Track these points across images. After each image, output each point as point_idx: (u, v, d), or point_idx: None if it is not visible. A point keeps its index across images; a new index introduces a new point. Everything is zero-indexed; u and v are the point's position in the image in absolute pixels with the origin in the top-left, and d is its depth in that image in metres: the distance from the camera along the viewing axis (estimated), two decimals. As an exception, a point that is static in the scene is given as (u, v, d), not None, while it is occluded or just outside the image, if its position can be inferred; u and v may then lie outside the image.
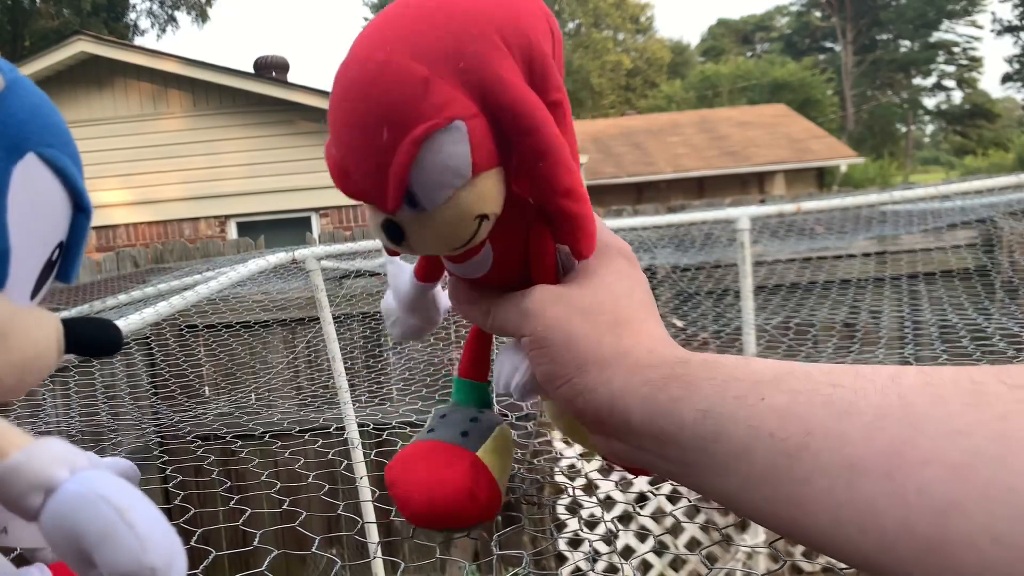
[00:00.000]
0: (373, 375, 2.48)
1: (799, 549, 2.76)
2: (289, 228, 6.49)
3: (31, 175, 0.30)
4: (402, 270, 0.47)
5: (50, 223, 0.32)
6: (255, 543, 0.57)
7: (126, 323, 1.40)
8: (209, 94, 6.63)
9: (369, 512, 1.73)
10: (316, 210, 6.60)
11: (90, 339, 0.34)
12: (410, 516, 0.41)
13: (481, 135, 0.32)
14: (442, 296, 0.48)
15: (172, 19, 19.35)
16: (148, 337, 2.66)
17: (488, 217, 0.35)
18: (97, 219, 6.59)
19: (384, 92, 0.31)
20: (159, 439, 2.03)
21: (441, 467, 0.42)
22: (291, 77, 7.77)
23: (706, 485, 0.31)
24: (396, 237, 0.35)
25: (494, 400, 0.50)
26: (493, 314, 0.40)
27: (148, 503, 0.28)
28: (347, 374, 1.97)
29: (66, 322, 0.33)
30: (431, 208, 0.33)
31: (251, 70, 7.21)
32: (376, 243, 2.31)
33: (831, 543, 0.26)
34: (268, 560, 0.54)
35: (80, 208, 0.33)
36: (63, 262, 0.34)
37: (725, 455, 0.29)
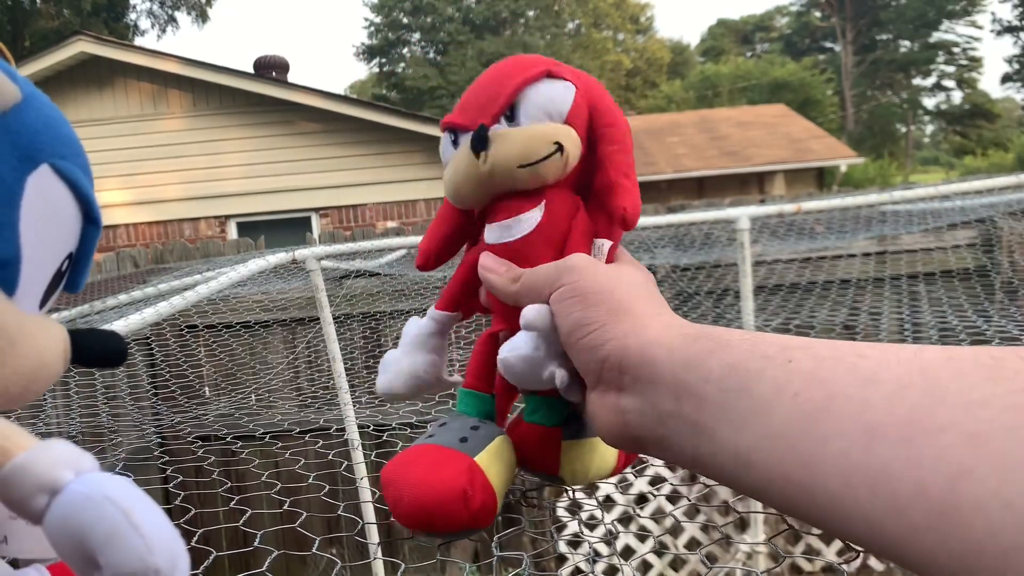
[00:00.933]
0: (373, 375, 2.47)
1: (799, 548, 2.76)
2: (289, 228, 6.49)
3: (44, 186, 0.31)
4: (416, 320, 0.49)
5: (61, 233, 0.32)
6: (255, 543, 0.57)
7: (126, 323, 1.40)
8: (209, 94, 6.63)
9: (369, 513, 1.73)
10: (316, 210, 6.60)
11: (96, 350, 0.34)
12: (401, 516, 0.41)
13: (581, 107, 0.43)
14: (446, 367, 0.49)
15: (172, 19, 19.34)
16: (148, 337, 2.66)
17: (563, 151, 0.42)
18: (97, 219, 6.60)
19: (525, 57, 0.44)
20: (159, 440, 2.03)
21: (435, 468, 0.41)
22: (291, 77, 7.77)
23: (715, 447, 0.31)
24: (480, 145, 0.41)
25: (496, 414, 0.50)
26: (526, 276, 0.41)
27: (152, 504, 0.28)
28: (347, 374, 1.97)
29: (73, 332, 0.33)
30: (524, 124, 0.42)
31: (251, 70, 7.22)
32: (376, 243, 2.31)
33: (839, 508, 0.26)
34: (268, 560, 0.54)
35: (90, 219, 0.33)
36: (72, 272, 0.34)
37: (746, 410, 0.29)
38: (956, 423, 0.23)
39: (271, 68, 7.45)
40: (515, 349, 0.40)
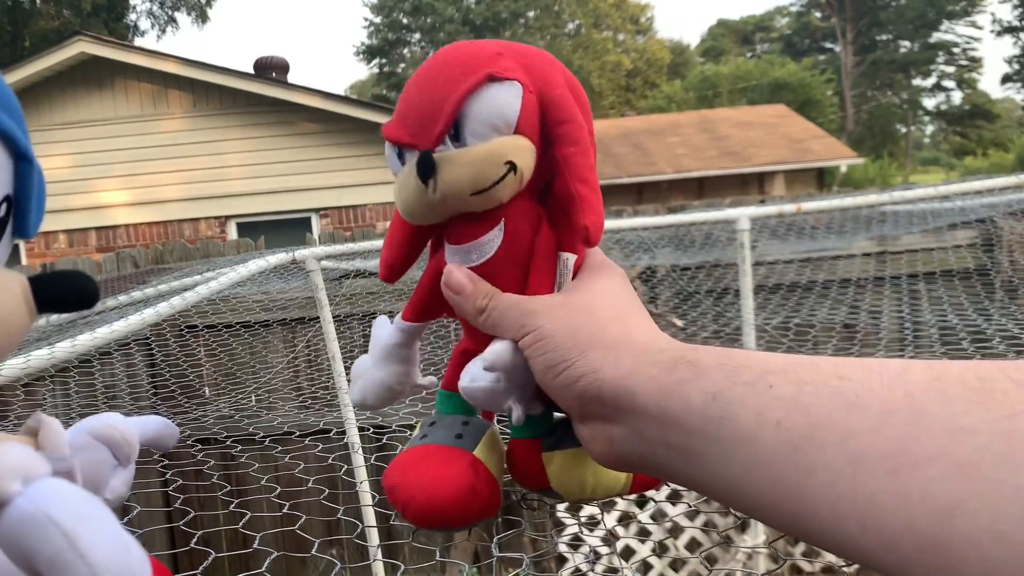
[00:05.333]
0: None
1: (799, 549, 2.76)
2: (289, 228, 6.49)
3: None
4: (384, 322, 0.48)
5: None
6: (255, 545, 0.57)
7: (126, 323, 1.40)
8: (209, 95, 6.63)
9: (369, 515, 1.73)
10: (316, 210, 6.60)
11: (63, 294, 0.31)
12: (413, 518, 0.41)
13: (531, 106, 0.38)
14: (418, 371, 0.48)
15: (172, 20, 19.34)
16: (148, 337, 2.66)
17: (516, 170, 0.38)
18: (97, 219, 6.59)
19: (462, 51, 0.39)
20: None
21: (441, 466, 0.42)
22: (291, 78, 7.77)
23: (705, 473, 0.30)
24: (427, 173, 0.38)
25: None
26: (491, 308, 0.39)
27: (105, 521, 0.26)
28: (347, 374, 1.97)
29: (33, 279, 0.30)
30: (471, 143, 0.38)
31: (251, 71, 7.22)
32: (376, 243, 2.31)
33: (830, 537, 0.25)
34: (268, 561, 0.54)
35: (20, 156, 0.30)
36: (16, 216, 0.31)
37: (730, 440, 0.29)
38: (944, 453, 0.22)
39: (271, 68, 7.45)
40: (475, 380, 0.40)
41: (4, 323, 0.28)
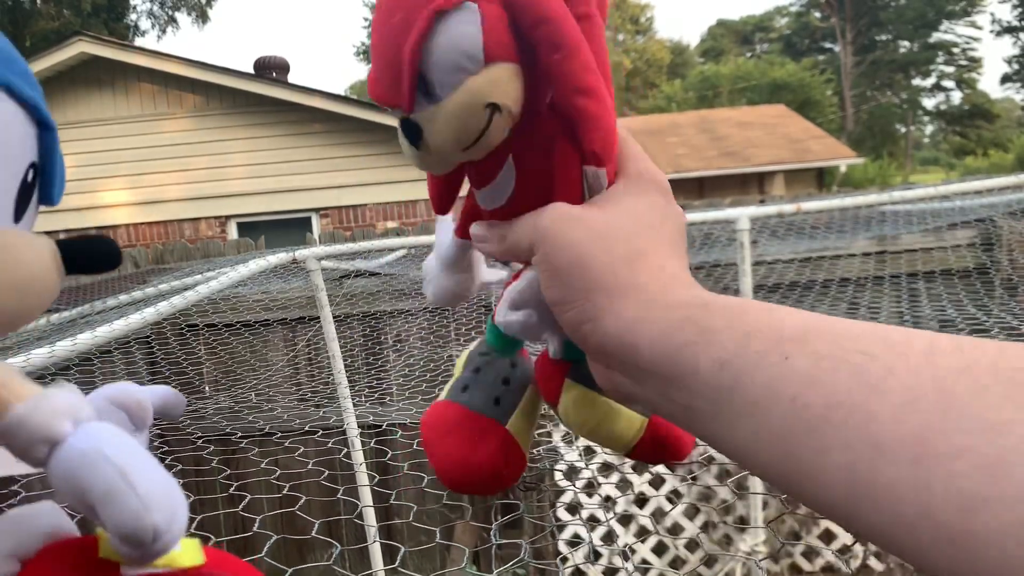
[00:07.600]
0: (373, 373, 2.48)
1: (799, 549, 2.76)
2: (289, 228, 6.49)
3: None
4: (446, 227, 0.46)
5: (12, 144, 0.31)
6: (255, 528, 0.58)
7: (126, 322, 1.41)
8: (210, 95, 6.63)
9: (367, 499, 1.73)
10: (316, 210, 6.60)
11: (88, 256, 0.33)
12: (440, 480, 0.44)
13: (494, 21, 0.32)
14: (482, 268, 0.47)
15: (172, 20, 19.34)
16: (149, 336, 2.67)
17: (500, 110, 0.34)
18: (98, 219, 6.59)
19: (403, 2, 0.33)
20: (159, 431, 2.03)
21: (472, 443, 0.43)
22: (291, 78, 7.78)
23: (709, 433, 0.29)
24: (414, 137, 0.35)
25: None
26: (508, 234, 0.38)
27: (150, 459, 0.28)
28: (347, 372, 1.98)
29: (61, 243, 0.32)
30: (444, 96, 0.33)
31: (251, 71, 7.22)
32: (376, 243, 2.32)
33: (842, 513, 0.25)
34: (268, 545, 0.54)
35: (42, 125, 0.32)
36: (42, 182, 0.33)
37: (740, 407, 0.27)
38: (972, 447, 0.21)
39: (271, 69, 7.46)
40: (509, 315, 0.40)
41: (37, 282, 0.30)
